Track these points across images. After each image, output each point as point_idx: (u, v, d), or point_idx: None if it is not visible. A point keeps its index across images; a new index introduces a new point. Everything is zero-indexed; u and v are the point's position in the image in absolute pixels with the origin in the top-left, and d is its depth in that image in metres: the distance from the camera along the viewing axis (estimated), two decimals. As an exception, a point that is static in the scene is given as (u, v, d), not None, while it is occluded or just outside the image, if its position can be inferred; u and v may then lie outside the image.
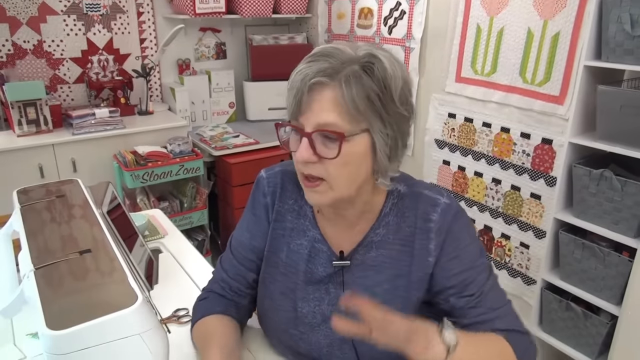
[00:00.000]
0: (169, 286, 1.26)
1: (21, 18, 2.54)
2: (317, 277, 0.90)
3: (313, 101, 0.74)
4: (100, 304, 0.62)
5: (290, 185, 0.93)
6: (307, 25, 3.31)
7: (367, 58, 0.75)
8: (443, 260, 0.85)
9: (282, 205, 0.94)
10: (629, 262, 1.60)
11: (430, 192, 0.88)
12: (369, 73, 0.74)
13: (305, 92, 0.74)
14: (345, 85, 0.73)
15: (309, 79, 0.74)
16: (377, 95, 0.74)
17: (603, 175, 1.63)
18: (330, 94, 0.73)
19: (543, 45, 1.95)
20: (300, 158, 0.76)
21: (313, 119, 0.74)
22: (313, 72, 0.74)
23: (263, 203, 0.95)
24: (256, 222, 0.96)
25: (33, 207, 0.88)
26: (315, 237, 0.91)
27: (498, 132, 2.22)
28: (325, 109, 0.74)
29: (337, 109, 0.73)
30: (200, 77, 3.04)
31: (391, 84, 0.75)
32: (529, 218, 2.16)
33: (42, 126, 2.41)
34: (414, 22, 2.51)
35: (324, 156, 0.75)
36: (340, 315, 0.86)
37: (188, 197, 2.64)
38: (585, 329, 1.78)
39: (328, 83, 0.73)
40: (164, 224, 1.61)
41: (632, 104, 1.53)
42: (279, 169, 0.96)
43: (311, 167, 0.77)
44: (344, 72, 0.73)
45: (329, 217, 0.91)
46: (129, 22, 2.84)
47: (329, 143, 0.75)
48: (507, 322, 0.85)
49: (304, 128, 0.75)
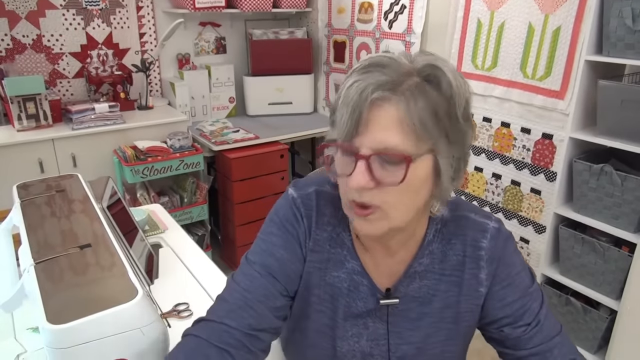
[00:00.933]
0: (169, 281, 1.26)
1: (20, 12, 2.53)
2: (357, 312, 0.81)
3: (372, 118, 0.63)
4: (100, 299, 0.62)
5: (328, 209, 0.81)
6: (307, 20, 3.30)
7: (429, 70, 0.66)
8: (495, 289, 0.79)
9: (319, 233, 0.81)
10: (629, 256, 1.60)
11: (477, 216, 0.81)
12: (434, 86, 0.65)
13: (365, 110, 0.63)
14: (410, 100, 0.63)
15: (369, 93, 0.63)
16: (444, 111, 0.65)
17: (603, 170, 1.62)
18: (392, 110, 0.63)
19: (544, 39, 1.94)
20: (355, 185, 0.65)
21: (370, 140, 0.64)
22: (372, 85, 0.63)
23: (301, 227, 0.80)
24: (294, 243, 0.80)
25: (33, 202, 0.88)
26: (355, 269, 0.81)
27: (498, 127, 2.21)
28: (386, 128, 0.63)
29: (400, 128, 0.63)
30: (200, 72, 3.03)
31: (456, 99, 0.66)
32: (529, 213, 2.16)
33: (42, 121, 2.40)
34: (415, 17, 2.50)
35: (384, 182, 0.65)
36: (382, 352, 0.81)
37: (188, 192, 2.64)
38: (585, 323, 1.79)
39: (390, 98, 0.63)
40: (164, 219, 1.61)
41: (633, 99, 1.52)
42: (312, 189, 0.82)
43: (366, 194, 0.66)
44: (405, 85, 0.63)
45: (368, 245, 0.80)
46: (129, 17, 2.83)
47: (388, 166, 0.64)
48: (565, 351, 0.78)
49: (359, 150, 0.65)
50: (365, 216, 0.68)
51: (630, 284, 1.61)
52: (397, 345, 0.82)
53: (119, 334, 0.60)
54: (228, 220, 2.75)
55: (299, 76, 3.11)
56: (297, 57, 3.09)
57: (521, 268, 0.81)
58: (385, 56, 0.67)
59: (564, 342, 0.80)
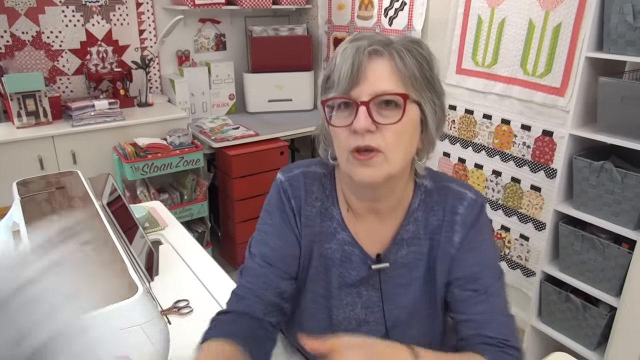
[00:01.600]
0: (169, 277, 1.26)
1: (19, 9, 2.52)
2: (350, 282, 0.87)
3: (368, 70, 0.73)
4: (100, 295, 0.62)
5: (315, 187, 0.88)
6: (307, 16, 3.29)
7: (410, 39, 0.78)
8: (461, 251, 0.84)
9: (309, 209, 0.88)
10: (629, 253, 1.60)
11: (457, 185, 0.87)
12: (417, 48, 0.77)
13: (364, 60, 0.73)
14: (400, 55, 0.74)
15: (366, 47, 0.74)
16: (427, 68, 0.77)
17: (603, 167, 1.62)
18: (386, 63, 0.74)
19: (544, 36, 1.94)
20: (359, 127, 0.72)
21: (369, 88, 0.73)
22: (366, 43, 0.74)
23: (289, 207, 0.87)
24: (285, 227, 0.88)
25: (33, 199, 0.88)
26: (345, 240, 0.87)
27: (498, 124, 2.21)
28: (381, 77, 0.74)
29: (394, 78, 0.74)
30: (200, 69, 3.03)
31: (434, 62, 0.79)
32: (529, 210, 2.16)
33: (42, 118, 2.40)
34: (415, 13, 2.49)
35: (384, 122, 0.74)
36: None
37: (188, 189, 2.64)
38: (584, 320, 1.79)
39: (383, 52, 0.74)
40: (164, 216, 1.61)
41: (634, 96, 1.52)
42: (298, 170, 0.90)
43: (369, 137, 0.74)
44: (395, 44, 0.75)
45: (361, 213, 0.87)
46: (128, 13, 2.82)
47: (385, 112, 0.74)
48: (503, 332, 0.81)
49: (359, 98, 0.74)
50: (367, 160, 0.75)
51: (629, 281, 1.61)
52: (390, 310, 0.87)
53: (119, 331, 0.61)
54: (228, 217, 2.75)
55: (299, 73, 3.11)
56: (297, 54, 3.09)
57: (488, 239, 0.87)
58: (368, 32, 0.79)
59: (507, 324, 0.83)
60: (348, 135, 0.75)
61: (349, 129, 0.75)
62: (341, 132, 0.76)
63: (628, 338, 1.65)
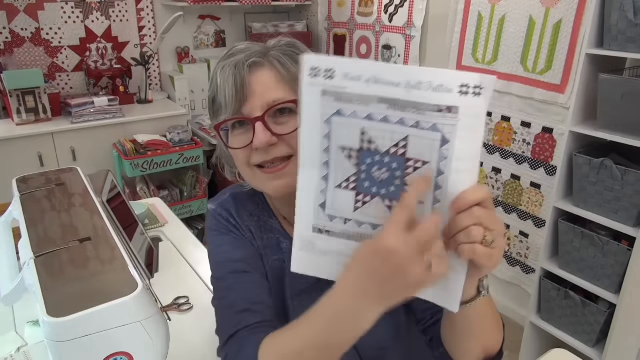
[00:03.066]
0: (169, 274, 1.27)
1: (19, 5, 2.52)
2: (301, 288, 0.82)
3: (254, 84, 0.71)
4: (100, 292, 0.62)
5: (248, 205, 0.86)
6: (307, 13, 3.28)
7: (284, 43, 0.75)
8: None
9: (248, 224, 0.85)
10: (628, 250, 1.60)
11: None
12: (295, 50, 0.74)
13: (247, 75, 0.71)
14: (280, 62, 0.72)
15: (244, 62, 0.71)
16: None
17: (603, 164, 1.62)
18: (268, 72, 0.72)
19: (545, 33, 1.94)
20: (260, 143, 0.70)
21: (260, 101, 0.71)
22: (242, 58, 0.72)
23: (232, 225, 0.84)
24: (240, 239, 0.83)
25: (33, 196, 0.88)
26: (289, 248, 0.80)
27: (498, 121, 2.21)
28: (269, 87, 0.71)
29: (281, 85, 0.71)
30: (200, 66, 3.02)
31: None
32: (528, 207, 2.16)
33: (41, 115, 2.40)
34: (415, 10, 2.49)
35: (284, 132, 0.71)
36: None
37: (188, 186, 2.64)
38: (584, 317, 1.79)
39: (263, 63, 0.72)
40: (164, 212, 1.61)
41: (634, 93, 1.52)
42: (226, 195, 0.88)
43: (274, 150, 0.71)
44: (272, 53, 0.73)
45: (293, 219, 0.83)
46: (127, 10, 2.81)
47: (282, 119, 0.72)
48: None
49: (252, 114, 0.71)
50: (279, 172, 0.73)
51: (629, 278, 1.61)
52: None
53: (119, 327, 0.61)
54: (228, 214, 2.75)
55: (299, 70, 3.10)
56: (297, 50, 3.08)
57: None
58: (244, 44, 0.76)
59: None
60: (250, 154, 0.73)
61: (249, 148, 0.72)
62: (242, 152, 0.74)
63: (627, 335, 1.66)
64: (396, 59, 2.67)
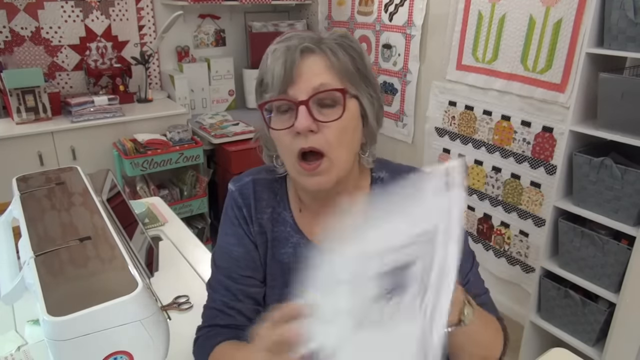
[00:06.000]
0: (169, 273, 1.27)
1: (18, 4, 2.51)
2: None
3: (303, 68, 0.72)
4: (100, 291, 0.62)
5: (265, 194, 0.89)
6: (307, 12, 3.28)
7: (336, 37, 0.76)
8: None
9: (260, 216, 0.88)
10: (628, 250, 1.60)
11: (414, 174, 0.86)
12: (347, 43, 0.76)
13: (297, 58, 0.71)
14: (332, 51, 0.73)
15: (297, 45, 0.72)
16: (360, 61, 0.76)
17: (603, 164, 1.62)
18: (319, 59, 0.73)
19: (545, 32, 1.93)
20: (301, 127, 0.71)
21: (306, 85, 0.71)
22: (296, 41, 0.73)
23: (241, 216, 0.88)
24: (244, 235, 0.88)
25: (33, 195, 0.88)
26: (299, 242, 0.86)
27: (499, 120, 2.21)
28: (318, 73, 0.72)
29: (330, 73, 0.73)
30: (200, 65, 3.02)
31: (365, 54, 0.77)
32: (528, 206, 2.16)
33: (41, 114, 2.40)
34: (415, 9, 2.48)
35: (325, 120, 0.72)
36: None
37: (188, 185, 2.64)
38: (584, 316, 1.79)
39: (315, 49, 0.73)
40: (163, 211, 1.61)
41: (634, 92, 1.52)
42: (248, 178, 0.90)
43: (312, 138, 0.72)
44: (326, 41, 0.74)
45: (315, 210, 0.86)
46: (127, 9, 2.81)
47: (325, 110, 0.73)
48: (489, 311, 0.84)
49: (297, 98, 0.72)
50: (314, 170, 0.74)
51: (629, 277, 1.61)
52: None
53: (119, 327, 0.61)
54: (228, 213, 2.75)
55: (299, 69, 3.10)
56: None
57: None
58: (296, 32, 0.77)
59: (487, 302, 0.86)
60: (291, 138, 0.74)
61: (290, 131, 0.73)
62: (283, 135, 0.75)
63: (627, 334, 1.66)
64: (396, 58, 2.67)
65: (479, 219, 2.42)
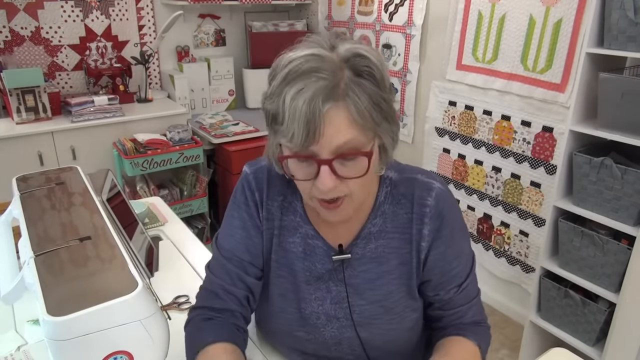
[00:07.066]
0: (169, 273, 1.27)
1: (18, 4, 2.51)
2: (316, 275, 0.87)
3: (326, 126, 0.67)
4: (100, 291, 0.62)
5: (278, 180, 0.88)
6: (307, 12, 3.28)
7: (356, 60, 0.69)
8: (436, 244, 0.84)
9: (271, 203, 0.88)
10: (628, 250, 1.60)
11: (423, 176, 0.86)
12: (366, 77, 0.69)
13: (319, 116, 0.66)
14: (352, 100, 0.67)
15: (319, 104, 0.65)
16: (379, 97, 0.70)
17: (603, 164, 1.62)
18: (342, 113, 0.67)
19: (545, 32, 1.93)
20: (325, 188, 0.70)
21: (328, 143, 0.67)
22: (317, 94, 0.66)
23: (252, 200, 0.88)
24: (249, 219, 0.88)
25: (33, 195, 0.88)
26: (308, 233, 0.87)
27: (499, 120, 2.21)
28: (339, 129, 0.67)
29: (352, 126, 0.68)
30: (200, 65, 3.02)
31: (385, 80, 0.71)
32: (528, 206, 2.16)
33: (41, 114, 2.40)
34: (415, 9, 2.48)
35: (349, 177, 0.71)
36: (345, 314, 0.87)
37: (188, 185, 2.64)
38: (584, 316, 1.79)
39: (338, 104, 0.67)
40: (163, 211, 1.61)
41: (634, 92, 1.52)
42: (264, 163, 0.89)
43: (334, 191, 0.72)
44: (342, 85, 0.67)
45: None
46: (127, 9, 2.81)
47: (348, 162, 0.70)
48: (476, 312, 0.89)
49: (320, 155, 0.69)
50: (336, 208, 0.75)
51: (629, 277, 1.61)
52: (360, 306, 0.86)
53: (119, 326, 0.61)
54: (228, 213, 2.75)
55: (299, 69, 3.10)
56: (297, 49, 3.08)
57: (458, 228, 0.87)
58: (311, 57, 0.69)
59: (477, 304, 0.89)
60: (311, 184, 0.73)
61: (311, 182, 0.72)
62: (304, 183, 0.74)
63: (627, 334, 1.66)
64: (396, 58, 2.67)
65: (479, 219, 2.42)
